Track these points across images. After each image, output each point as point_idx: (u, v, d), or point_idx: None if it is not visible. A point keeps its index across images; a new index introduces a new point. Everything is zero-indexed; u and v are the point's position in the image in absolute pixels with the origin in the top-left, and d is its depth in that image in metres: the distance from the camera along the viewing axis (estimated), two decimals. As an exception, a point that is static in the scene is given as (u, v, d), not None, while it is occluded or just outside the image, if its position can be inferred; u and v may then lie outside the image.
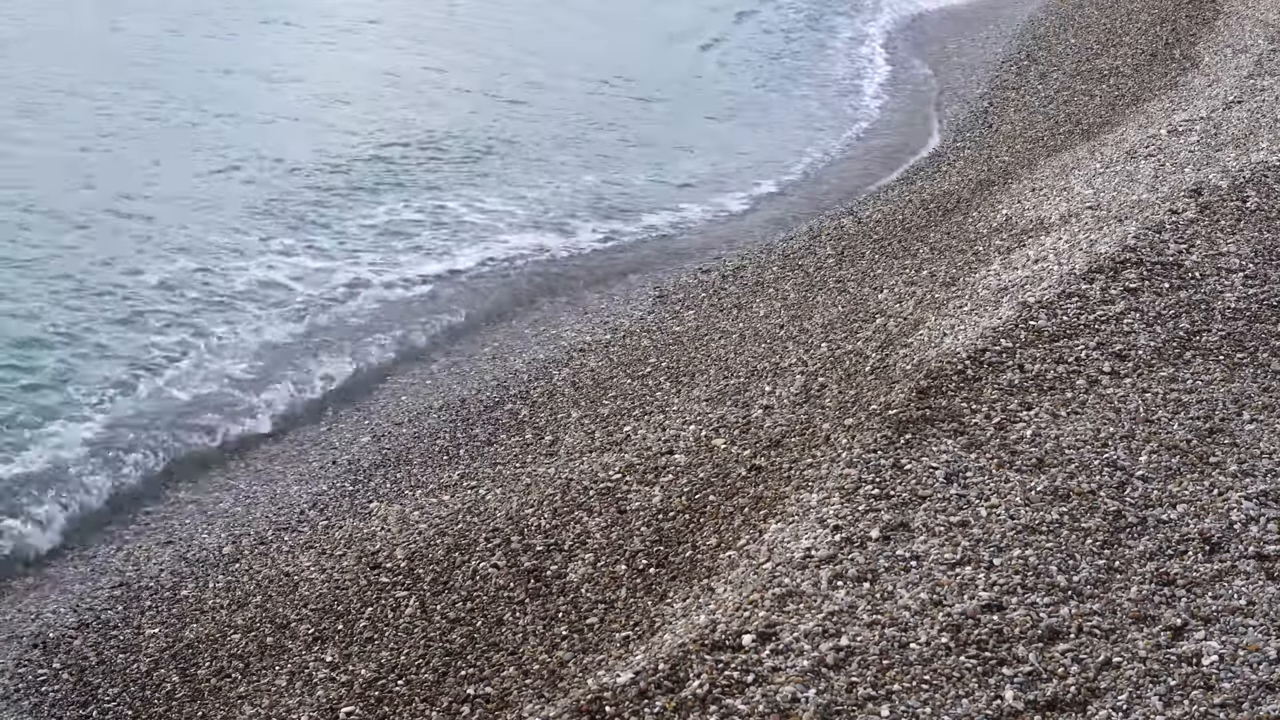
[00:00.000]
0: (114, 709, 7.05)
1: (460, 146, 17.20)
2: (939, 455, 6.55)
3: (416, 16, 24.35)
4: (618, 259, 14.26)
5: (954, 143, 17.46)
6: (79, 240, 13.14)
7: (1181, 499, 6.16)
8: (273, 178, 15.43)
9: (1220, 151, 11.66)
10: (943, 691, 4.92)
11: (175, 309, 12.00)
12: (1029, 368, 7.47)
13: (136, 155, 15.75)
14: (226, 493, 9.44)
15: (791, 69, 22.92)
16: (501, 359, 11.38)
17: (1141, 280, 8.56)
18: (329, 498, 9.06)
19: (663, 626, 5.96)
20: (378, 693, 6.56)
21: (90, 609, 7.96)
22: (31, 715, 7.07)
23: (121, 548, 8.74)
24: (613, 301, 12.75)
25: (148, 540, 8.81)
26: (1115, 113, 15.92)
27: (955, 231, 11.85)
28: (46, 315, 11.54)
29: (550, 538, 7.41)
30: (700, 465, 7.77)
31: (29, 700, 7.18)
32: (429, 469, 9.21)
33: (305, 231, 14.04)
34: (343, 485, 9.23)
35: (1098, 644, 5.16)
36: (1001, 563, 5.65)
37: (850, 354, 8.89)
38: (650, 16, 25.92)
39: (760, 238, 14.40)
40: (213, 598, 7.89)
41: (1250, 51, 16.42)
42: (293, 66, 20.38)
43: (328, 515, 8.76)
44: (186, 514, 9.16)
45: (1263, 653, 5.08)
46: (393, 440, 9.89)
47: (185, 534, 8.83)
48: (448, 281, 13.31)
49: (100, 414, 10.14)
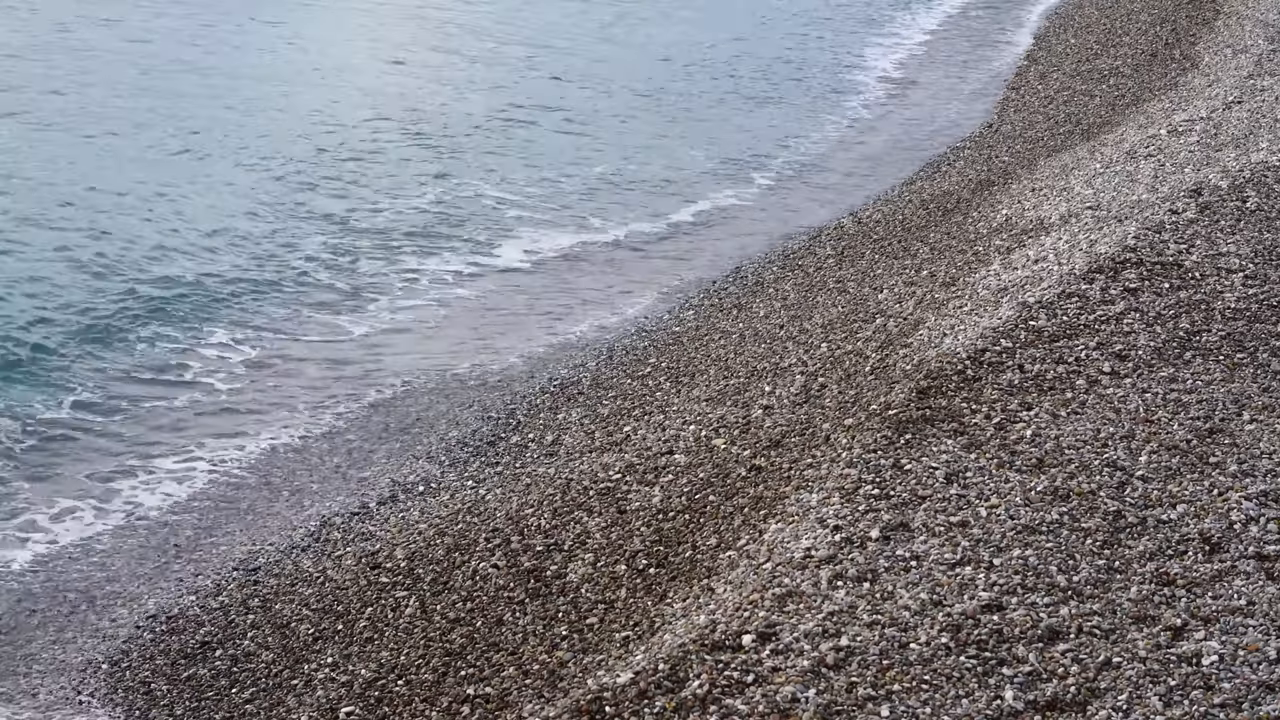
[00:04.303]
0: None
1: (458, 138, 17.23)
2: (939, 455, 6.55)
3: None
4: (619, 254, 14.28)
5: (954, 142, 17.47)
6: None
7: (1181, 499, 6.16)
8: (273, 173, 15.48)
9: (1220, 151, 11.66)
10: (943, 692, 4.92)
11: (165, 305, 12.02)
12: (1029, 368, 7.46)
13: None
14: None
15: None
16: (501, 358, 11.39)
17: (1141, 280, 8.56)
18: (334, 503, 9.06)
19: (663, 626, 5.96)
20: (378, 693, 6.56)
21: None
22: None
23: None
24: (613, 301, 12.75)
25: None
26: (1115, 113, 15.93)
27: (955, 231, 11.85)
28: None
29: (550, 538, 7.41)
30: (700, 465, 7.76)
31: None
32: (433, 468, 9.21)
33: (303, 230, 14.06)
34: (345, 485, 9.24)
35: (1098, 644, 5.16)
36: (1001, 563, 5.65)
37: (850, 354, 8.89)
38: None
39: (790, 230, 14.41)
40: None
41: (1250, 51, 16.43)
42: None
43: (329, 518, 8.76)
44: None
45: (1263, 653, 5.08)
46: (394, 439, 9.90)
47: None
48: (449, 281, 13.31)
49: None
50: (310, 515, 8.74)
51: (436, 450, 9.46)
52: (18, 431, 9.87)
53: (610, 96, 20.12)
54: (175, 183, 14.98)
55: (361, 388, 11.08)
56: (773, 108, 20.37)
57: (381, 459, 9.57)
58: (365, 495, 8.91)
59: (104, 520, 9.07)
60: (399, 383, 11.10)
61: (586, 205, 15.50)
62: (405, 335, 12.08)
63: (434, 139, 17.40)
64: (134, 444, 9.91)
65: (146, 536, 8.91)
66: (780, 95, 21.09)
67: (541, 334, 12.01)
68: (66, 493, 9.22)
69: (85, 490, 9.31)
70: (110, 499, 9.28)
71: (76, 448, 9.81)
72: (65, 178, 14.75)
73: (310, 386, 11.04)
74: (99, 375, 10.80)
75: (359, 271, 13.28)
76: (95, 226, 13.50)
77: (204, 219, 14.05)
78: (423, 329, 12.23)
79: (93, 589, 8.30)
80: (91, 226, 13.48)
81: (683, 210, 15.76)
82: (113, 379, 10.78)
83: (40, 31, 20.51)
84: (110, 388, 10.64)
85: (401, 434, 9.98)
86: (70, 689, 7.26)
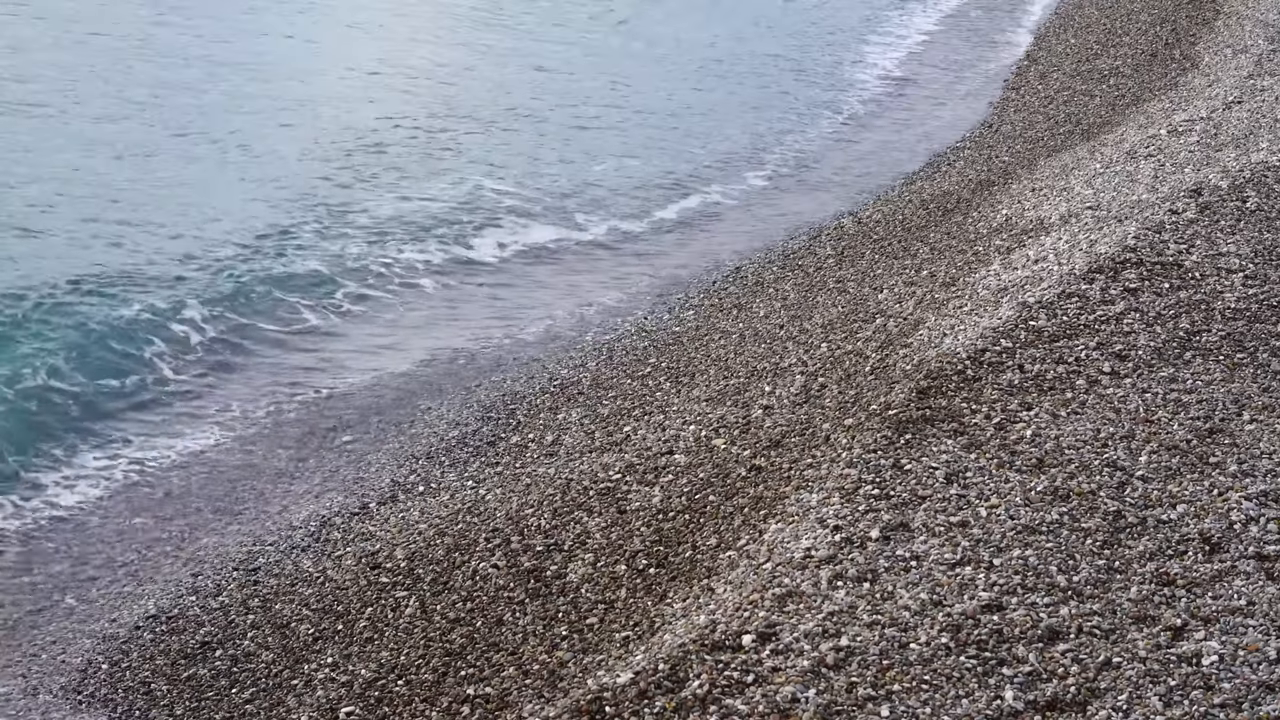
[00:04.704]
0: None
1: (457, 135, 17.24)
2: (939, 455, 6.56)
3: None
4: (620, 250, 14.29)
5: (954, 142, 17.47)
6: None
7: (1181, 499, 6.16)
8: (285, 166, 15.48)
9: (1220, 151, 11.66)
10: (943, 692, 4.92)
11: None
12: (1029, 368, 7.47)
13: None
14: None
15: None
16: (502, 358, 11.39)
17: (1141, 280, 8.57)
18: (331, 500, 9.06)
19: (663, 627, 5.96)
20: (378, 693, 6.56)
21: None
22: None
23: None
24: (613, 299, 12.75)
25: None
26: (1115, 113, 15.93)
27: (955, 231, 11.85)
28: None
29: (550, 538, 7.41)
30: (700, 465, 7.77)
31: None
32: (433, 468, 9.22)
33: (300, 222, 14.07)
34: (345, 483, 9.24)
35: (1098, 644, 5.16)
36: (1001, 563, 5.65)
37: (850, 354, 8.89)
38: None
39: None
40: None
41: (1250, 51, 16.43)
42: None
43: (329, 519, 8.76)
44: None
45: (1263, 653, 5.08)
46: (392, 440, 9.90)
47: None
48: (449, 280, 13.32)
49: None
50: (310, 515, 8.74)
51: (436, 450, 9.46)
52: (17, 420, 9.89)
53: (610, 95, 20.12)
54: (170, 183, 14.97)
55: (361, 387, 11.08)
56: (773, 106, 20.37)
57: (381, 459, 9.57)
58: (365, 495, 8.91)
59: (104, 518, 9.08)
60: (399, 382, 11.10)
61: (587, 204, 15.49)
62: (406, 335, 12.08)
63: (434, 135, 17.40)
64: (128, 439, 9.93)
65: (147, 536, 8.91)
66: (780, 93, 21.09)
67: (542, 333, 12.01)
68: (68, 493, 9.23)
69: (87, 490, 9.32)
70: (111, 499, 9.29)
71: (73, 441, 9.82)
72: (54, 162, 14.79)
73: (311, 386, 11.04)
74: (81, 362, 10.80)
75: (359, 270, 13.27)
76: (84, 214, 13.54)
77: (203, 217, 14.05)
78: (422, 329, 12.23)
79: (93, 589, 8.31)
80: (80, 214, 13.52)
81: (683, 209, 15.76)
82: (100, 371, 10.78)
83: (47, 29, 20.51)
84: (99, 379, 10.63)
85: (402, 434, 9.98)
86: (70, 689, 7.27)
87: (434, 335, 12.21)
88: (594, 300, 12.94)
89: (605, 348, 11.09)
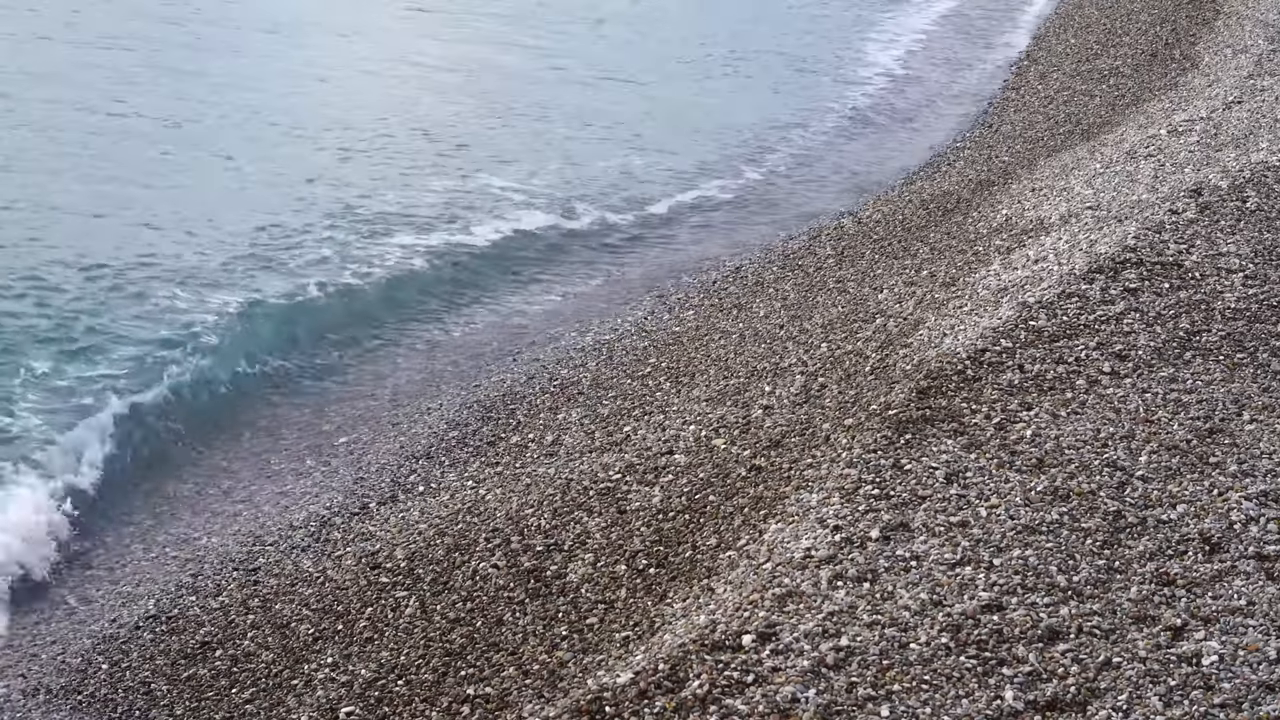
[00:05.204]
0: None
1: (459, 132, 17.25)
2: (939, 455, 6.56)
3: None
4: (620, 249, 14.29)
5: (954, 142, 17.47)
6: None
7: (1181, 499, 6.16)
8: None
9: (1220, 151, 11.66)
10: (943, 692, 4.92)
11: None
12: (1029, 368, 7.47)
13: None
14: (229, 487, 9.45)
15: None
16: (501, 357, 11.39)
17: (1141, 280, 8.57)
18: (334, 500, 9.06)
19: (663, 627, 5.96)
20: (378, 693, 6.56)
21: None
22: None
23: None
24: (613, 299, 12.75)
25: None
26: (1115, 113, 15.93)
27: (955, 231, 11.85)
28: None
29: (550, 538, 7.41)
30: (700, 465, 7.77)
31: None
32: (433, 468, 9.22)
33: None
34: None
35: (1098, 644, 5.16)
36: (1001, 563, 5.65)
37: (850, 354, 8.89)
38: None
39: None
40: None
41: (1250, 51, 16.43)
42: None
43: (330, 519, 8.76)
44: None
45: (1263, 653, 5.08)
46: (394, 439, 9.90)
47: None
48: (447, 279, 13.32)
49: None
50: (310, 515, 8.74)
51: (436, 450, 9.46)
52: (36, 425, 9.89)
53: (611, 94, 20.12)
54: (180, 183, 14.99)
55: (360, 388, 11.08)
56: (773, 104, 20.38)
57: (381, 459, 9.57)
58: (365, 495, 8.91)
59: (104, 518, 9.09)
60: (398, 382, 11.10)
61: (588, 204, 15.49)
62: (406, 334, 12.08)
63: (434, 133, 17.41)
64: (128, 438, 9.93)
65: (148, 536, 8.92)
66: (780, 92, 21.11)
67: (542, 333, 12.01)
68: (68, 492, 9.23)
69: (87, 490, 9.32)
70: (111, 498, 9.29)
71: (72, 439, 9.80)
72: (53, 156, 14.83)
73: (311, 386, 11.04)
74: (80, 360, 10.81)
75: (359, 269, 13.26)
76: (84, 211, 13.58)
77: (200, 215, 14.05)
78: (422, 328, 12.23)
79: (93, 589, 8.31)
80: (80, 211, 13.55)
81: (683, 209, 15.76)
82: (99, 370, 10.77)
83: (45, 28, 20.51)
84: (98, 378, 10.63)
85: (402, 434, 9.98)
86: (70, 689, 7.27)
87: (434, 335, 12.21)
88: (594, 300, 12.94)
89: (605, 348, 11.09)
